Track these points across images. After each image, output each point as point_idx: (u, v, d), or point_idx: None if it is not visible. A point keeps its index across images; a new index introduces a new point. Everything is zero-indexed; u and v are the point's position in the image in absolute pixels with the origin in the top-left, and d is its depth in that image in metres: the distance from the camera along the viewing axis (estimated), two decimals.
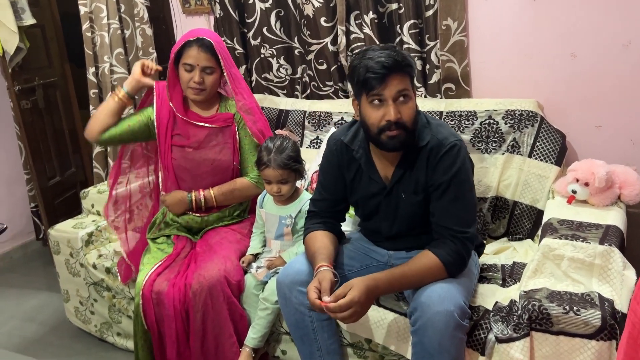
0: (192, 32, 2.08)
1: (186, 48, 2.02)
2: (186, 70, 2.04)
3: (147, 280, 1.93)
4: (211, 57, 2.04)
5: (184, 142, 2.12)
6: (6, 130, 3.36)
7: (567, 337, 1.48)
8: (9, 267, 3.43)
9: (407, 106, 1.56)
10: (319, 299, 1.51)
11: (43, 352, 2.47)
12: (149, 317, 1.91)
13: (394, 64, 1.51)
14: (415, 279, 1.56)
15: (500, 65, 2.24)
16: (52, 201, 3.27)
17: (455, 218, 1.59)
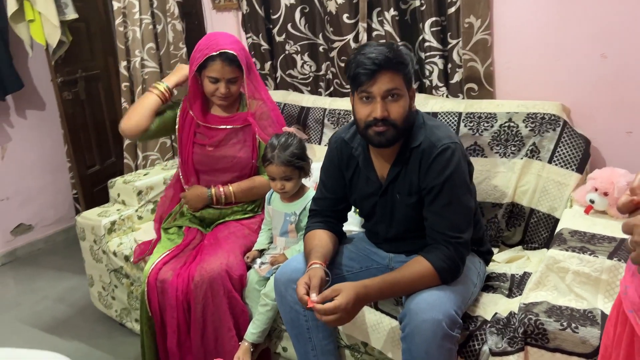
0: (214, 41, 2.05)
1: (210, 61, 2.02)
2: (211, 82, 2.06)
3: (153, 268, 1.98)
4: (235, 68, 2.05)
5: (205, 142, 2.17)
6: (52, 120, 3.53)
7: (563, 354, 1.41)
8: (52, 250, 3.62)
9: (396, 104, 1.53)
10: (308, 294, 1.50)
11: (68, 333, 2.59)
12: (152, 304, 1.96)
13: (385, 60, 1.48)
14: (408, 286, 1.52)
15: (525, 65, 2.14)
16: (91, 189, 3.41)
17: (449, 223, 1.54)
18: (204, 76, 2.07)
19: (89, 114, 3.40)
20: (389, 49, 1.50)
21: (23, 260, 3.47)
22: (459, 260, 1.54)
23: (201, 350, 1.92)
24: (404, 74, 1.53)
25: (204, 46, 2.04)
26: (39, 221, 3.62)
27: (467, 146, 2.08)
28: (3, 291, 3.09)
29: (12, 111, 3.39)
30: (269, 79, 2.80)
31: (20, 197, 3.50)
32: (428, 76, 2.30)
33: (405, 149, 1.60)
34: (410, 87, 1.57)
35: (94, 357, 2.39)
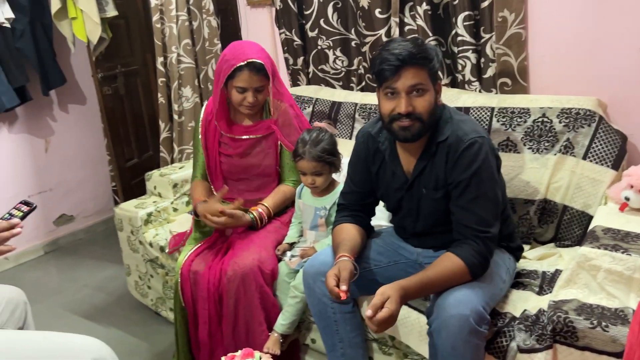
0: (240, 50, 2.05)
1: (237, 72, 2.01)
2: (238, 91, 2.06)
3: (186, 260, 2.03)
4: (262, 77, 2.05)
5: (230, 152, 2.20)
6: (93, 114, 3.65)
7: (593, 353, 1.39)
8: (92, 240, 3.74)
9: (421, 99, 1.53)
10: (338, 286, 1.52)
11: (106, 320, 2.68)
12: (185, 295, 2.02)
13: (409, 56, 1.48)
14: (442, 284, 1.52)
15: (561, 59, 2.10)
16: (129, 181, 3.51)
17: (476, 217, 1.53)
18: (231, 86, 2.07)
19: (128, 109, 3.50)
20: (413, 44, 1.50)
21: (65, 249, 3.60)
22: (488, 254, 1.54)
23: (232, 342, 1.96)
24: (429, 68, 1.53)
25: (230, 56, 2.04)
26: (80, 212, 3.75)
27: (499, 142, 2.06)
28: (46, 279, 3.22)
29: (55, 106, 3.52)
30: (301, 74, 2.83)
31: (63, 188, 3.63)
32: (461, 71, 2.28)
33: (431, 143, 1.60)
34: (436, 82, 1.57)
35: (129, 344, 2.47)
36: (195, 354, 2.08)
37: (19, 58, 3.10)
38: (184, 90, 3.01)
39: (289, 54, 2.82)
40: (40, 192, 3.51)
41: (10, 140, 3.31)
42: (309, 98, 2.68)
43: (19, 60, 3.10)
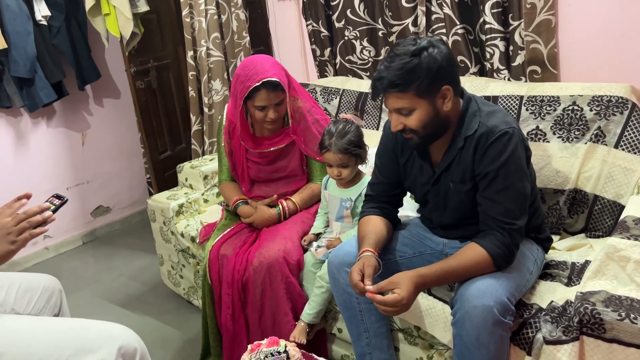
0: (253, 70, 2.03)
1: (254, 92, 2.02)
2: (259, 110, 2.07)
3: (215, 243, 2.10)
4: (280, 92, 2.05)
5: (258, 160, 2.24)
6: (127, 108, 3.74)
7: (621, 345, 1.36)
8: (128, 230, 3.85)
9: (410, 118, 1.54)
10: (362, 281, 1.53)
11: (140, 308, 2.76)
12: (213, 277, 2.07)
13: (388, 85, 1.50)
14: (463, 274, 1.52)
15: (592, 46, 2.05)
16: (163, 174, 3.59)
17: (503, 209, 1.52)
18: (250, 106, 2.08)
19: (161, 102, 3.57)
20: (396, 69, 1.47)
21: (102, 240, 3.72)
22: (513, 246, 1.52)
23: (258, 331, 2.00)
24: (414, 89, 1.49)
25: (245, 77, 2.03)
26: (116, 203, 3.86)
27: (528, 131, 2.03)
28: (84, 268, 3.34)
29: (90, 100, 3.63)
30: (328, 65, 2.83)
31: (99, 180, 3.74)
32: (489, 59, 2.24)
33: (458, 137, 1.59)
34: (433, 94, 1.52)
35: (162, 332, 2.54)
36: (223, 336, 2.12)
37: (55, 54, 3.20)
38: (213, 84, 3.06)
39: (316, 46, 2.82)
40: (78, 185, 3.62)
41: (49, 134, 3.43)
42: (336, 89, 2.68)
43: (55, 56, 3.20)
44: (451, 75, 1.53)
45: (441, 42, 1.53)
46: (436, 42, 1.51)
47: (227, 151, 2.28)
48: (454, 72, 1.55)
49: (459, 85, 1.58)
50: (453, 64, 1.54)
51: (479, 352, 1.46)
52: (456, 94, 1.57)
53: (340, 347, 2.09)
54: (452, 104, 1.55)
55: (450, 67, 1.52)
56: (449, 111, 1.56)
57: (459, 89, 1.59)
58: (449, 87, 1.53)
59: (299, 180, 2.26)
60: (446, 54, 1.51)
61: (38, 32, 3.08)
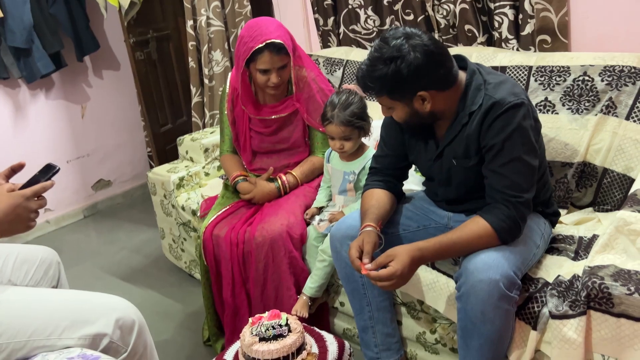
0: (257, 31, 1.97)
1: (257, 54, 1.96)
2: (261, 73, 2.02)
3: (210, 223, 2.06)
4: (284, 55, 1.99)
5: (261, 130, 2.19)
6: (127, 80, 3.68)
7: (629, 320, 1.33)
8: (130, 204, 3.83)
9: (393, 113, 1.56)
10: (360, 258, 1.51)
11: (142, 281, 2.76)
12: (208, 257, 2.04)
13: (364, 88, 1.53)
14: (465, 247, 1.49)
15: (605, 14, 1.98)
16: (164, 147, 3.54)
17: (509, 182, 1.47)
18: (253, 69, 2.03)
19: (161, 74, 3.51)
20: (368, 74, 1.47)
21: (103, 213, 3.71)
22: (520, 219, 1.48)
23: (260, 305, 1.99)
24: (386, 94, 1.50)
25: (248, 38, 1.98)
26: (117, 177, 3.83)
27: (537, 102, 1.97)
28: (86, 242, 3.32)
29: (90, 72, 3.57)
30: (331, 35, 2.76)
31: (100, 154, 3.71)
32: (497, 28, 2.18)
33: (462, 113, 1.54)
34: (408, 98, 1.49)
35: (164, 305, 2.53)
36: (220, 314, 2.11)
37: (53, 24, 3.14)
38: (214, 54, 2.99)
39: (319, 15, 2.75)
40: (78, 158, 3.59)
41: (48, 106, 3.38)
42: (340, 60, 2.62)
43: (53, 26, 3.14)
44: (426, 82, 1.47)
45: (420, 46, 1.43)
46: (413, 48, 1.42)
47: (230, 120, 2.23)
48: (431, 77, 1.47)
49: (445, 83, 1.51)
50: (429, 70, 1.45)
51: (483, 327, 1.44)
52: (443, 89, 1.51)
53: (342, 321, 2.07)
54: (438, 100, 1.51)
55: (423, 75, 1.44)
56: (435, 107, 1.52)
57: (446, 85, 1.51)
58: (425, 93, 1.48)
59: (302, 152, 2.22)
60: (418, 63, 1.42)
61: (35, 1, 3.02)
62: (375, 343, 1.80)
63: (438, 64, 1.47)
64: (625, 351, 1.35)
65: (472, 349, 1.49)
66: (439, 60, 1.47)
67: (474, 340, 1.47)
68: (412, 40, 1.44)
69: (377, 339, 1.80)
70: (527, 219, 1.51)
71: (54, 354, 1.22)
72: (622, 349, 1.36)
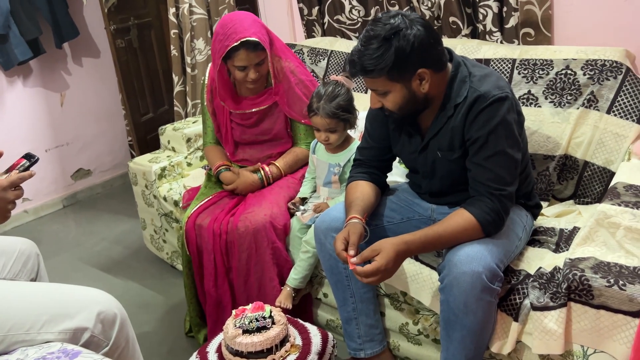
0: (231, 29, 1.94)
1: (233, 52, 1.95)
2: (239, 70, 2.00)
3: (192, 214, 2.04)
4: (260, 51, 1.98)
5: (242, 122, 2.18)
6: (108, 68, 3.62)
7: (608, 312, 1.36)
8: (110, 194, 3.78)
9: (386, 99, 1.53)
10: (346, 250, 1.51)
11: (123, 273, 2.72)
12: (191, 247, 2.03)
13: (360, 70, 1.49)
14: (450, 240, 1.50)
15: (588, 8, 1.99)
16: (145, 136, 3.51)
17: (493, 175, 1.48)
18: (230, 65, 2.02)
19: (142, 62, 3.46)
20: (365, 55, 1.44)
21: (83, 203, 3.65)
22: (503, 212, 1.49)
23: (244, 295, 1.98)
24: (385, 74, 1.46)
25: (223, 36, 1.95)
26: (97, 166, 3.78)
27: (520, 95, 1.98)
28: (65, 232, 3.27)
29: (69, 59, 3.50)
30: (316, 25, 2.74)
31: (79, 143, 3.65)
32: (482, 20, 2.18)
33: (447, 105, 1.54)
34: (407, 77, 1.48)
35: (146, 296, 2.51)
36: (202, 304, 2.10)
37: (30, 10, 3.06)
38: (196, 43, 2.95)
39: (303, 4, 2.72)
40: (57, 146, 3.53)
41: (26, 94, 3.31)
42: (324, 50, 2.60)
43: (31, 12, 3.06)
44: (427, 58, 1.46)
45: (419, 21, 1.44)
46: (412, 23, 1.43)
47: (210, 111, 2.21)
48: (431, 53, 1.47)
49: (440, 63, 1.51)
50: (430, 45, 1.45)
51: (466, 318, 1.45)
52: (438, 70, 1.51)
53: (325, 312, 2.08)
54: (434, 82, 1.51)
55: (425, 49, 1.44)
56: (430, 90, 1.51)
57: (440, 66, 1.51)
58: (425, 70, 1.47)
59: (284, 143, 2.21)
60: (421, 37, 1.42)
61: None
62: (358, 334, 1.81)
63: (436, 40, 1.49)
64: (604, 342, 1.38)
65: (454, 340, 1.50)
66: (436, 36, 1.49)
67: (457, 332, 1.49)
68: (408, 17, 1.45)
69: (361, 330, 1.80)
70: (509, 212, 1.52)
71: (33, 348, 1.20)
72: (601, 340, 1.38)
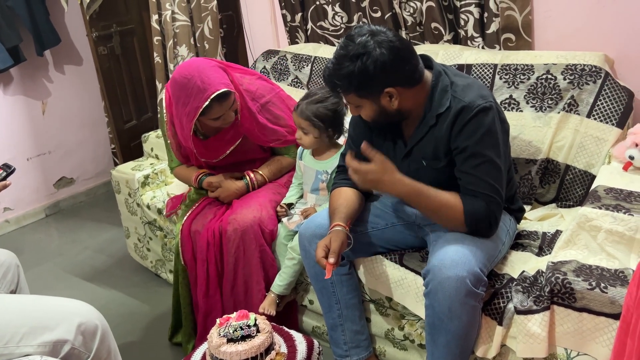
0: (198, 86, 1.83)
1: (207, 109, 1.85)
2: (214, 120, 1.92)
3: (186, 220, 2.03)
4: (231, 96, 1.89)
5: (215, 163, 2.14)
6: (90, 75, 3.58)
7: (590, 314, 1.37)
8: (93, 202, 3.74)
9: (360, 111, 1.57)
10: (327, 257, 1.51)
11: (106, 282, 2.69)
12: (186, 255, 2.01)
13: (331, 86, 1.53)
14: (431, 205, 1.53)
15: (567, 13, 2.02)
16: (128, 143, 3.47)
17: (484, 182, 1.50)
18: (204, 120, 1.93)
19: (125, 69, 3.43)
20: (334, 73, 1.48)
21: (66, 212, 3.61)
22: (492, 219, 1.51)
23: (230, 300, 1.97)
24: (353, 91, 1.50)
25: (187, 98, 1.86)
26: (80, 174, 3.74)
27: (501, 100, 2.00)
28: (47, 241, 3.23)
29: (50, 66, 3.46)
30: (299, 31, 2.74)
31: (62, 151, 3.60)
32: (463, 26, 2.20)
33: (429, 114, 1.55)
34: (375, 95, 1.50)
35: (130, 306, 2.48)
36: (196, 314, 2.08)
37: (10, 17, 3.03)
38: (179, 49, 2.94)
39: (286, 10, 2.73)
40: (39, 155, 3.49)
41: (6, 102, 3.27)
42: (308, 57, 2.60)
43: (11, 19, 3.03)
44: (393, 78, 1.48)
45: (386, 43, 1.44)
46: (378, 44, 1.43)
47: (175, 146, 2.13)
48: (398, 73, 1.48)
49: (411, 80, 1.52)
50: (395, 66, 1.46)
51: (451, 323, 1.46)
52: (410, 86, 1.52)
53: (311, 319, 2.07)
54: (406, 97, 1.52)
55: (390, 71, 1.45)
56: (402, 104, 1.53)
57: (412, 82, 1.52)
58: (392, 89, 1.49)
59: (260, 160, 2.19)
60: (384, 59, 1.43)
61: None
62: (344, 341, 1.80)
63: (404, 60, 1.48)
64: (587, 344, 1.39)
65: (439, 344, 1.51)
66: (404, 57, 1.48)
67: (442, 336, 1.49)
68: (377, 37, 1.45)
69: (347, 336, 1.80)
70: (500, 219, 1.54)
71: None
72: (584, 342, 1.39)
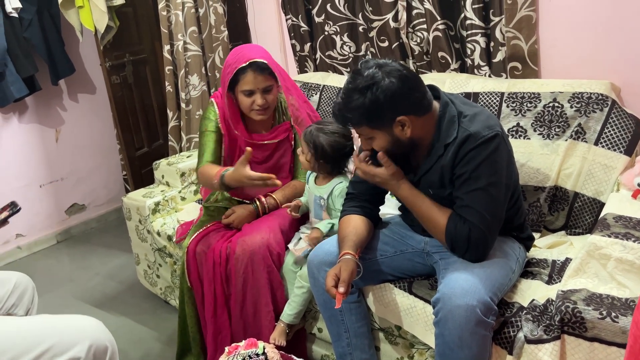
0: (240, 54, 2.00)
1: (241, 74, 1.96)
2: (246, 95, 2.01)
3: (192, 240, 2.05)
4: (268, 75, 1.99)
5: (252, 159, 2.10)
6: (103, 103, 3.65)
7: (602, 344, 1.36)
8: (104, 228, 3.77)
9: (373, 143, 1.59)
10: (337, 286, 1.51)
11: (116, 308, 2.70)
12: (192, 276, 2.03)
13: (340, 120, 1.57)
14: (420, 216, 1.63)
15: (573, 42, 2.04)
16: (139, 170, 3.51)
17: (472, 211, 1.51)
18: (237, 92, 2.02)
19: (137, 97, 3.49)
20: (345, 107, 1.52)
21: (77, 238, 3.64)
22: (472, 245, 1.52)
23: (240, 322, 1.97)
24: (365, 124, 1.53)
25: (232, 60, 1.99)
26: (91, 201, 3.78)
27: (509, 128, 2.02)
28: (58, 267, 3.25)
29: (65, 95, 3.53)
30: (308, 60, 2.79)
31: (74, 178, 3.65)
32: (470, 55, 2.23)
33: (437, 144, 1.57)
34: (387, 125, 1.53)
35: (139, 332, 2.48)
36: (205, 336, 2.08)
37: (27, 48, 3.11)
38: (191, 79, 3.00)
39: (295, 40, 2.78)
40: (52, 182, 3.53)
41: (21, 130, 3.33)
42: (317, 85, 2.64)
43: (27, 49, 3.11)
44: (404, 106, 1.50)
45: (394, 72, 1.48)
46: (387, 75, 1.47)
47: (227, 142, 2.15)
48: (408, 101, 1.50)
49: (421, 108, 1.54)
50: (405, 94, 1.48)
51: (461, 352, 1.44)
52: (421, 114, 1.54)
53: (320, 347, 2.06)
54: (417, 125, 1.54)
55: (400, 99, 1.48)
56: (414, 133, 1.55)
57: (422, 111, 1.55)
58: (405, 117, 1.51)
59: (284, 178, 2.21)
60: (394, 88, 1.46)
61: (8, 24, 2.98)
62: None
63: (412, 87, 1.51)
64: None
65: None
66: (413, 84, 1.51)
67: None
68: (384, 68, 1.48)
69: None
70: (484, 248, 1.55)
71: None
72: None
